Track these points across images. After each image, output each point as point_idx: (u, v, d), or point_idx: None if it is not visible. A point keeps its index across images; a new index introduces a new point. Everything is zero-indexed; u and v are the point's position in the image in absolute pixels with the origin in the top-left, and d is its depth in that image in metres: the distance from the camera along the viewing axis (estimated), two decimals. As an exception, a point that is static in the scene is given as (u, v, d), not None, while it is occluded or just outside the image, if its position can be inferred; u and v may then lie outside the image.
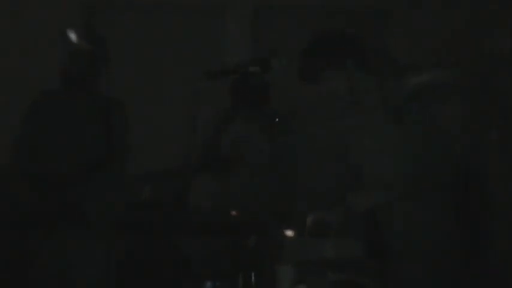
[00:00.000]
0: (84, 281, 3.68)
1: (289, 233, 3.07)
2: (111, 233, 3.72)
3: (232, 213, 3.76)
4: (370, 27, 5.37)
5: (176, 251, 3.65)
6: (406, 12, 5.11)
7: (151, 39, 5.52)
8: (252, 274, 2.83)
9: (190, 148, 3.10)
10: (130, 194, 4.00)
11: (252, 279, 2.82)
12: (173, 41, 5.52)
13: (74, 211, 3.65)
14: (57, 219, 3.64)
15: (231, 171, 4.24)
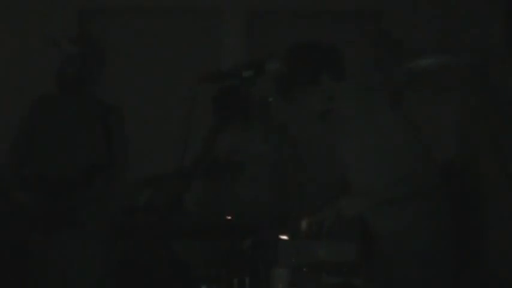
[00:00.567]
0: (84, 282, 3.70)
1: (283, 237, 3.09)
2: (109, 237, 3.74)
3: (227, 217, 3.79)
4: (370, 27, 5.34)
5: (172, 254, 3.67)
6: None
7: (146, 43, 5.54)
8: (247, 278, 2.85)
9: (186, 153, 3.11)
10: (128, 198, 4.01)
11: (247, 283, 2.84)
12: (168, 45, 5.53)
13: (71, 214, 3.66)
14: (55, 221, 3.65)
15: (226, 177, 4.26)
